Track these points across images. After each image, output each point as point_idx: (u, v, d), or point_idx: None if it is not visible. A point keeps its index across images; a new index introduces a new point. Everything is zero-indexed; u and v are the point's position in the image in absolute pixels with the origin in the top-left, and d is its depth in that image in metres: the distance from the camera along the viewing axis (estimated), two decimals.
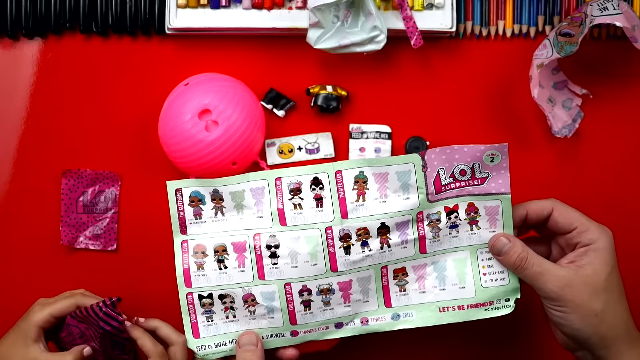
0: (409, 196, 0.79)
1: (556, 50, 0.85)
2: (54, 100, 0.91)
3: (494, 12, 0.92)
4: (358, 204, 0.78)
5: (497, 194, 0.78)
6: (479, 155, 0.76)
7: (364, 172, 0.78)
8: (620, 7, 0.84)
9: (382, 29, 0.86)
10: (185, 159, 0.85)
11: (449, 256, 0.81)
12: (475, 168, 0.76)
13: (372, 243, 0.79)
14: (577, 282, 0.73)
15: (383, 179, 0.78)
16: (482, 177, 0.77)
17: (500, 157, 0.76)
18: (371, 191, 0.78)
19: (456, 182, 0.77)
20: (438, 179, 0.77)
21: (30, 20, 0.90)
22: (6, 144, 0.90)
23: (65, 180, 0.90)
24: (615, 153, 0.93)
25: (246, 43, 0.91)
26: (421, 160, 0.77)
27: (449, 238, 0.80)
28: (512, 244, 0.77)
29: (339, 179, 0.78)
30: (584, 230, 0.76)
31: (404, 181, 0.78)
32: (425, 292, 0.81)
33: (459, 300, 0.81)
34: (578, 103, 0.92)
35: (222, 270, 0.80)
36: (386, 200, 0.78)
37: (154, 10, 0.90)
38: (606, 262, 0.74)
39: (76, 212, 0.90)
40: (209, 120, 0.84)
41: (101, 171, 0.90)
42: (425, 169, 0.77)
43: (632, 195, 0.93)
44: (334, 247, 0.79)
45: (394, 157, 0.78)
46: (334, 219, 0.79)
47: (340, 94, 0.90)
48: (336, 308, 0.80)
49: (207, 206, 0.81)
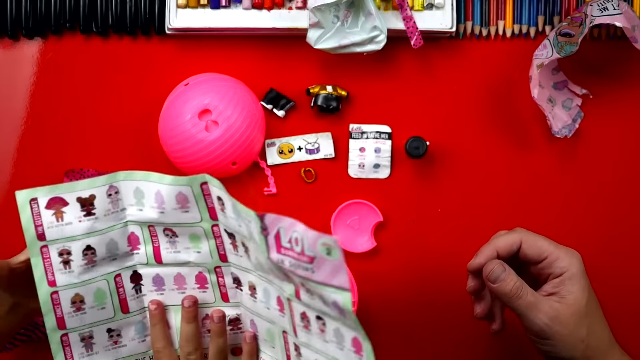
0: (242, 254, 0.70)
1: (556, 50, 0.85)
2: (54, 100, 0.91)
3: (494, 12, 0.92)
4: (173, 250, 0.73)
5: (333, 286, 0.59)
6: (312, 242, 0.58)
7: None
8: (620, 7, 0.84)
9: (382, 29, 0.86)
10: (185, 159, 0.85)
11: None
12: (304, 241, 0.59)
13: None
14: (563, 314, 0.74)
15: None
16: (310, 256, 0.59)
17: (337, 251, 0.57)
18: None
19: (292, 251, 0.60)
20: (279, 238, 0.61)
21: (30, 20, 0.90)
22: (6, 144, 0.90)
23: (67, 180, 0.89)
24: (615, 153, 0.93)
25: (246, 43, 0.91)
26: (260, 222, 0.62)
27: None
28: (508, 272, 0.75)
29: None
30: (555, 259, 0.76)
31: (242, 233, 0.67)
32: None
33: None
34: (578, 103, 0.92)
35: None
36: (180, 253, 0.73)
37: (154, 10, 0.90)
38: (582, 287, 0.75)
39: None
40: (209, 120, 0.84)
41: (104, 172, 0.90)
42: (265, 232, 0.62)
43: (632, 195, 0.93)
44: (226, 286, 0.74)
45: (241, 207, 0.64)
46: (213, 262, 0.73)
47: (340, 94, 0.90)
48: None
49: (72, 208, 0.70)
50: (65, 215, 0.69)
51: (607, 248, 0.92)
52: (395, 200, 0.92)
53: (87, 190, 0.69)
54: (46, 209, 0.69)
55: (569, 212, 0.92)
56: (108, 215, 0.70)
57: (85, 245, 0.70)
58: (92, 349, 0.73)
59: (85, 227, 0.70)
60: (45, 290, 0.70)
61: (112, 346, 0.74)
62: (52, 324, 0.71)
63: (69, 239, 0.70)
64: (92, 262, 0.71)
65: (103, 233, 0.71)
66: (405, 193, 0.92)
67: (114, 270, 0.72)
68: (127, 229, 0.71)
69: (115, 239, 0.71)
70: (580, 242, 0.93)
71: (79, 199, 0.69)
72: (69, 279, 0.71)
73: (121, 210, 0.71)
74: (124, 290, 0.73)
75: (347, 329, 0.61)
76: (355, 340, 0.61)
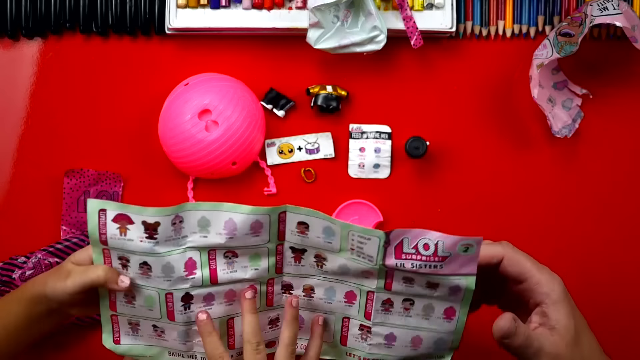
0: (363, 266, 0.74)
1: (556, 50, 0.85)
2: (53, 100, 0.91)
3: (494, 12, 0.92)
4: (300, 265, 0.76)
5: (460, 274, 0.71)
6: (452, 245, 0.69)
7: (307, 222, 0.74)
8: (620, 7, 0.84)
9: (382, 29, 0.86)
10: (185, 159, 0.85)
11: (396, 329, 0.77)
12: (438, 245, 0.70)
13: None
14: (561, 346, 0.72)
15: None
16: (444, 256, 0.70)
17: (475, 248, 0.69)
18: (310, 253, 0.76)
19: (417, 255, 0.70)
20: (400, 247, 0.71)
21: (30, 20, 0.90)
22: (6, 144, 0.90)
23: (67, 180, 0.90)
24: (615, 153, 0.93)
25: (246, 43, 0.91)
26: (385, 237, 0.70)
27: (401, 316, 0.76)
28: (518, 323, 0.71)
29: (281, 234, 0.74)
30: (535, 284, 0.74)
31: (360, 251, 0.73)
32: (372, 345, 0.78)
33: (395, 356, 0.78)
34: (578, 103, 0.92)
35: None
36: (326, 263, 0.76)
37: (154, 10, 0.90)
38: (568, 314, 0.73)
39: (77, 211, 0.90)
40: (209, 120, 0.84)
41: (104, 172, 0.90)
42: (387, 245, 0.70)
43: (632, 195, 0.93)
44: (273, 292, 0.77)
45: (356, 226, 0.71)
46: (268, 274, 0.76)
47: (340, 94, 0.90)
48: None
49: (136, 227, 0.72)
50: (128, 232, 0.71)
51: (607, 248, 0.92)
52: (395, 200, 0.92)
53: (153, 217, 0.70)
54: (112, 222, 0.71)
55: (569, 212, 0.92)
56: (169, 241, 0.72)
57: (143, 261, 0.72)
58: (138, 332, 0.76)
59: (145, 248, 0.72)
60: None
61: (155, 337, 0.76)
62: (106, 304, 0.74)
63: (129, 252, 0.72)
64: (147, 275, 0.73)
65: (161, 256, 0.72)
66: (405, 193, 0.92)
67: (166, 289, 0.73)
68: (186, 254, 0.73)
69: (172, 263, 0.73)
70: (580, 242, 0.93)
71: (144, 222, 0.71)
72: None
73: (182, 237, 0.72)
74: (172, 305, 0.74)
75: (443, 302, 0.74)
76: (449, 309, 0.74)
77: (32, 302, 0.76)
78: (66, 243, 0.88)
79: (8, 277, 0.87)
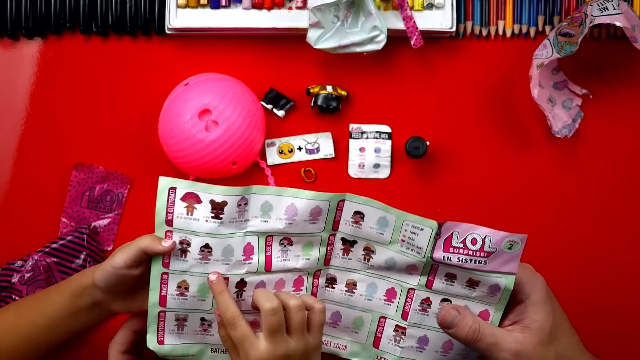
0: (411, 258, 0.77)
1: (556, 50, 0.85)
2: (53, 100, 0.91)
3: (494, 12, 0.92)
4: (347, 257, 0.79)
5: (502, 272, 0.75)
6: (499, 241, 0.74)
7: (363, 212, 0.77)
8: (620, 7, 0.84)
9: (382, 29, 0.86)
10: (185, 159, 0.85)
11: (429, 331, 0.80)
12: (486, 240, 0.74)
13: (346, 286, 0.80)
14: (527, 345, 0.73)
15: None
16: (489, 252, 0.74)
17: (519, 245, 0.73)
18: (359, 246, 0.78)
19: (465, 249, 0.74)
20: (449, 240, 0.75)
21: (30, 20, 0.90)
22: (6, 144, 0.90)
23: (75, 173, 0.90)
24: (615, 153, 0.93)
25: (246, 43, 0.91)
26: (438, 228, 0.75)
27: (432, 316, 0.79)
28: (462, 315, 0.74)
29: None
30: (517, 285, 0.75)
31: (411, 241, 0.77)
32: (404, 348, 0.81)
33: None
34: (578, 103, 0.92)
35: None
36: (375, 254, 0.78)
37: (154, 10, 0.90)
38: (546, 314, 0.74)
39: (80, 205, 0.90)
40: (209, 120, 0.84)
41: (113, 171, 0.90)
42: (437, 237, 0.75)
43: (632, 195, 0.93)
44: (318, 286, 0.79)
45: (412, 215, 0.76)
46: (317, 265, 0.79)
47: (340, 94, 0.90)
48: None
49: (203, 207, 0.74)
50: (195, 211, 0.74)
51: (607, 248, 0.92)
52: (395, 200, 0.91)
53: (221, 195, 0.73)
54: (181, 200, 0.73)
55: (569, 212, 0.92)
56: (232, 223, 0.74)
57: (205, 243, 0.74)
58: (183, 329, 0.77)
59: (209, 228, 0.74)
60: (158, 269, 0.74)
61: (201, 332, 0.78)
62: (155, 300, 0.75)
63: (192, 232, 0.74)
64: (207, 259, 0.75)
65: (223, 237, 0.74)
66: (405, 193, 0.92)
67: (224, 273, 0.75)
68: (246, 239, 0.75)
69: (233, 245, 0.75)
70: (580, 242, 0.93)
71: (211, 201, 0.73)
72: (181, 266, 0.75)
73: (244, 221, 0.75)
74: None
75: (479, 304, 0.77)
76: (484, 312, 0.77)
77: (76, 294, 0.77)
78: (61, 242, 0.88)
79: (7, 282, 0.87)
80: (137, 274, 0.75)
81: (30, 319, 0.78)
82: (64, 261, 0.88)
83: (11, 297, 0.87)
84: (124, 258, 0.74)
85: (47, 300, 0.78)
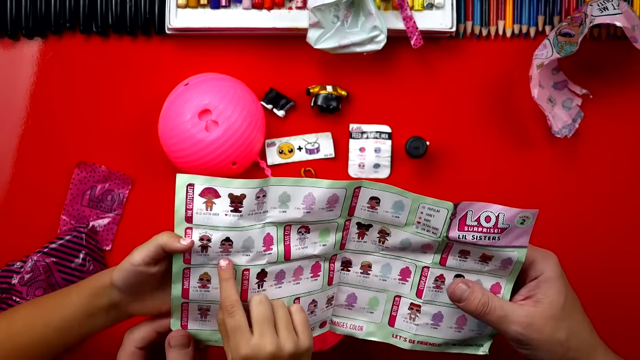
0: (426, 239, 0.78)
1: (556, 50, 0.85)
2: (53, 100, 0.91)
3: (494, 12, 0.92)
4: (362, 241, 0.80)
5: (514, 246, 0.77)
6: (512, 217, 0.75)
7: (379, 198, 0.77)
8: (620, 7, 0.84)
9: (382, 29, 0.86)
10: (185, 159, 0.85)
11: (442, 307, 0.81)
12: (499, 217, 0.75)
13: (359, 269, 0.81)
14: (539, 319, 0.73)
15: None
16: (503, 228, 0.75)
17: (531, 220, 0.76)
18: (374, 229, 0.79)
19: (479, 227, 0.76)
20: (464, 219, 0.76)
21: (30, 20, 0.90)
22: (6, 144, 0.90)
23: (77, 171, 0.90)
24: (615, 153, 0.93)
25: (246, 43, 0.91)
26: (454, 209, 0.76)
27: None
28: (472, 289, 0.76)
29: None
30: (530, 263, 0.76)
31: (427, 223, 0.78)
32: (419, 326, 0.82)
33: (439, 338, 0.82)
34: (578, 103, 0.92)
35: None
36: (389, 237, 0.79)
37: (154, 10, 0.90)
38: (559, 290, 0.75)
39: (80, 203, 0.90)
40: (209, 120, 0.84)
41: (115, 171, 0.90)
42: (453, 217, 0.76)
43: (632, 195, 0.93)
44: (334, 270, 0.80)
45: (428, 198, 0.77)
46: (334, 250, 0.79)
47: (340, 94, 0.90)
48: (338, 309, 0.82)
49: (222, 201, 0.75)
50: (214, 206, 0.74)
51: (606, 248, 0.92)
52: None
53: (239, 188, 0.74)
54: (199, 196, 0.74)
55: (569, 212, 0.92)
56: (251, 215, 0.75)
57: (225, 236, 0.75)
58: (206, 317, 0.78)
59: (229, 221, 0.74)
60: (179, 265, 0.75)
61: None
62: (178, 293, 0.76)
63: (212, 227, 0.74)
64: (227, 251, 0.75)
65: (243, 230, 0.75)
66: None
67: (244, 264, 0.76)
68: (265, 230, 0.76)
69: (253, 237, 0.75)
70: (579, 242, 0.93)
71: (230, 195, 0.74)
72: (202, 260, 0.75)
73: (263, 212, 0.75)
74: (247, 283, 0.76)
75: (491, 278, 0.79)
76: (495, 285, 0.79)
77: (94, 294, 0.76)
78: (60, 242, 0.88)
79: (7, 283, 0.87)
80: (155, 271, 0.75)
81: (45, 319, 0.77)
82: (64, 261, 0.88)
83: (12, 298, 0.87)
84: (142, 255, 0.73)
85: (65, 300, 0.78)
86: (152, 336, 0.78)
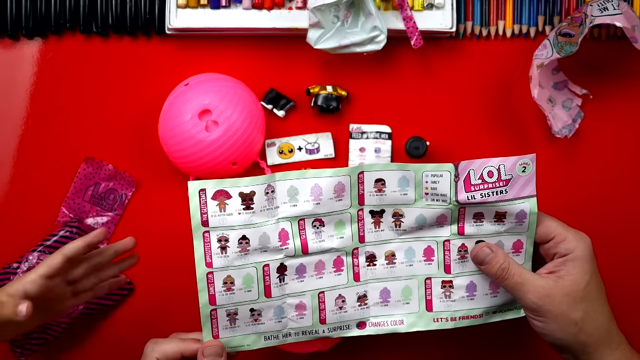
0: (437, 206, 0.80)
1: (556, 51, 0.85)
2: (53, 100, 0.91)
3: (494, 12, 0.92)
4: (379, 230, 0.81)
5: (523, 197, 0.78)
6: (512, 166, 0.77)
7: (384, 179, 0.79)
8: (620, 7, 0.84)
9: (382, 29, 0.86)
10: (185, 159, 0.85)
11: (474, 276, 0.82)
12: (500, 169, 0.77)
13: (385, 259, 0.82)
14: (556, 293, 0.74)
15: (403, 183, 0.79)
16: (507, 179, 0.77)
17: (531, 166, 0.77)
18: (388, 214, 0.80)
19: (484, 184, 0.77)
20: (468, 179, 0.77)
21: (30, 20, 0.90)
22: (6, 144, 0.90)
23: (84, 166, 0.90)
24: (615, 153, 0.93)
25: (246, 43, 0.91)
26: (455, 170, 0.78)
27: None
28: (495, 254, 0.77)
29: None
30: (562, 240, 0.76)
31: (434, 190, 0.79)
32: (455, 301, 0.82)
33: (478, 309, 0.82)
34: (578, 103, 0.92)
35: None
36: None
37: (154, 10, 0.90)
38: (584, 271, 0.75)
39: (82, 198, 0.90)
40: (209, 120, 0.84)
41: (121, 172, 0.90)
42: (457, 179, 0.78)
43: (632, 195, 0.93)
44: (359, 265, 0.81)
45: (428, 165, 0.79)
46: (352, 243, 0.80)
47: (340, 94, 0.90)
48: (370, 308, 0.83)
49: (234, 201, 0.78)
50: (227, 206, 0.77)
51: (606, 248, 0.92)
52: None
53: (248, 186, 0.77)
54: (212, 200, 0.77)
55: (569, 212, 0.92)
56: (263, 211, 0.78)
57: (241, 235, 0.78)
58: (235, 323, 0.80)
59: (243, 220, 0.78)
60: (202, 270, 0.78)
61: (252, 323, 0.80)
62: (205, 300, 0.78)
63: (228, 227, 0.78)
64: (246, 250, 0.78)
65: (258, 226, 0.78)
66: None
67: (264, 260, 0.79)
68: (279, 225, 0.78)
69: (268, 233, 0.78)
70: None
71: (240, 194, 0.77)
72: (224, 262, 0.78)
73: (275, 208, 0.78)
74: (269, 279, 0.79)
75: (511, 236, 0.80)
76: (517, 242, 0.80)
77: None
78: (54, 238, 0.88)
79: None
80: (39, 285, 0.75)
81: None
82: None
83: None
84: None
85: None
86: (176, 355, 0.78)
